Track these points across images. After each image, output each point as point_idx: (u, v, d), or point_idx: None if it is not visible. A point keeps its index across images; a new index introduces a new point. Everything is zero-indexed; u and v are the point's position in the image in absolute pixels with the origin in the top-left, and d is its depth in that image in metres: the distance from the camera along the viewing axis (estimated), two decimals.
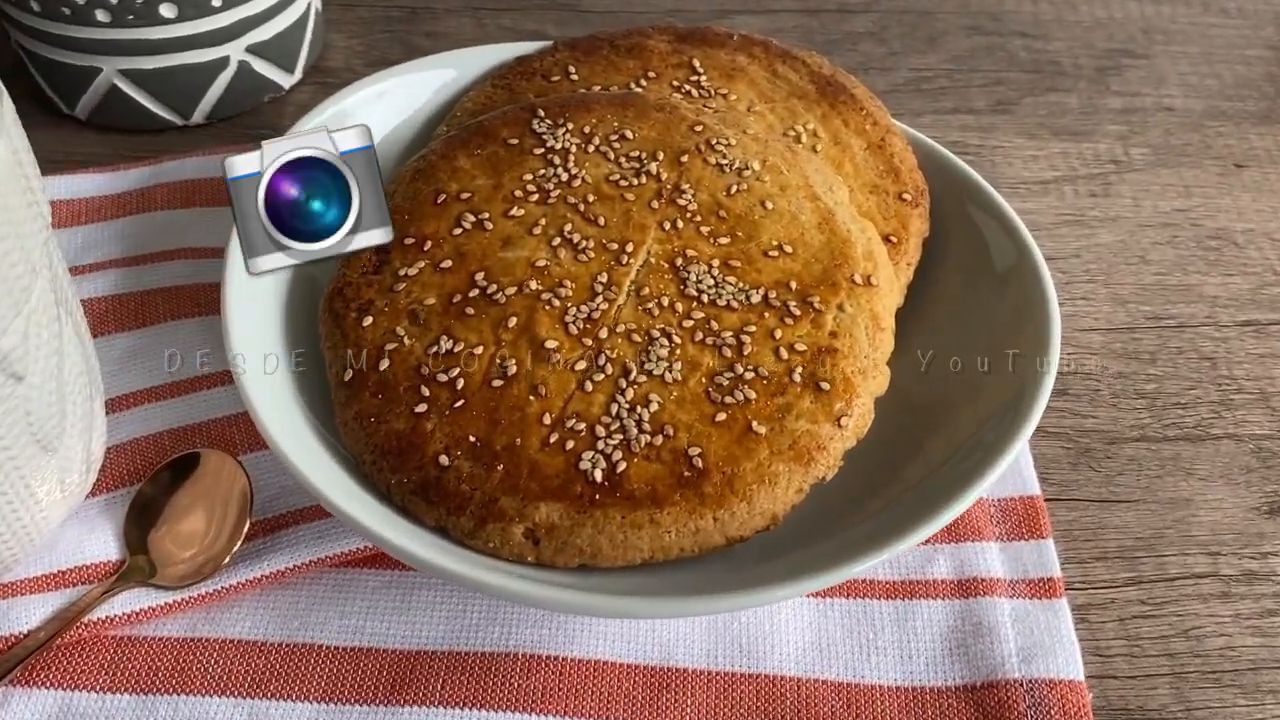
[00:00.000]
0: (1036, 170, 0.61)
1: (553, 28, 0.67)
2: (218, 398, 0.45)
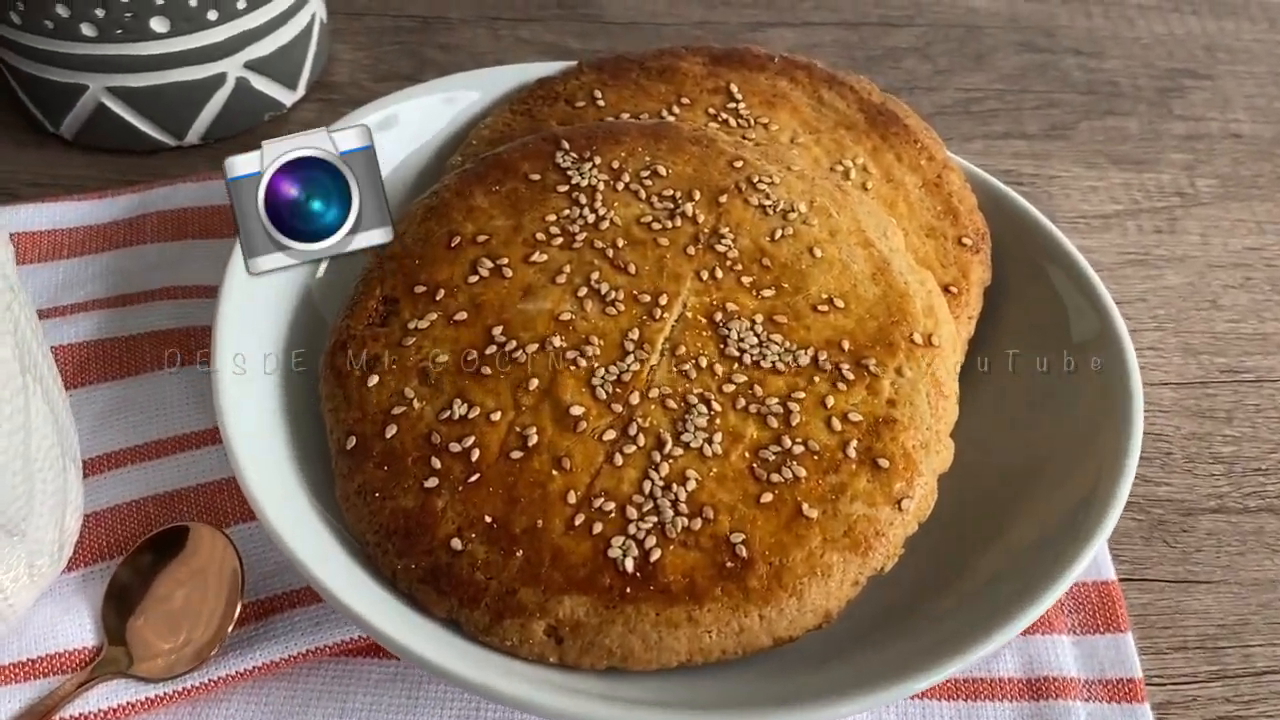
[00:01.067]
0: (1096, 203, 0.56)
1: (573, 40, 0.63)
2: (206, 460, 0.41)
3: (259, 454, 0.37)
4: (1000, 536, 0.38)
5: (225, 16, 0.51)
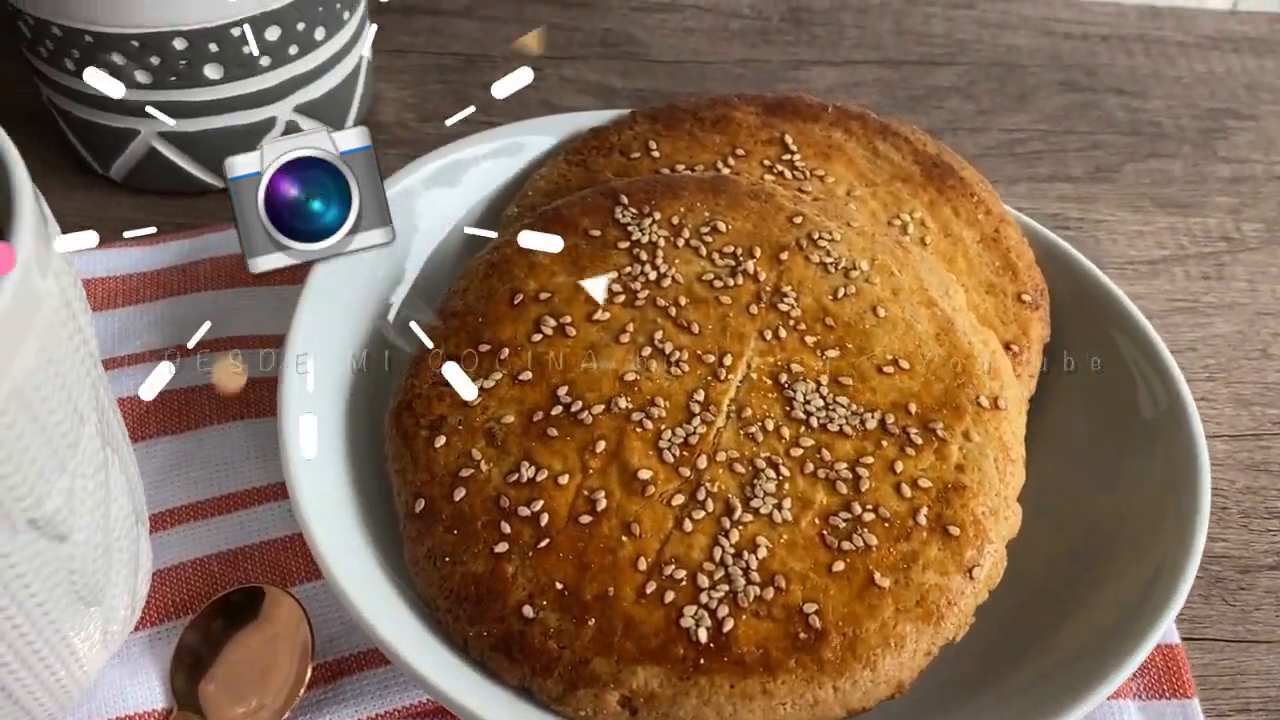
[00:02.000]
0: (1143, 248, 0.56)
1: (617, 79, 0.63)
2: (269, 516, 0.41)
3: (327, 514, 0.37)
4: (1068, 608, 0.38)
5: (278, 62, 0.51)
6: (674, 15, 0.67)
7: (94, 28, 0.47)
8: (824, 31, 0.67)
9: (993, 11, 0.69)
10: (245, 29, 0.48)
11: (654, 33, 0.66)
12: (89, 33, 0.47)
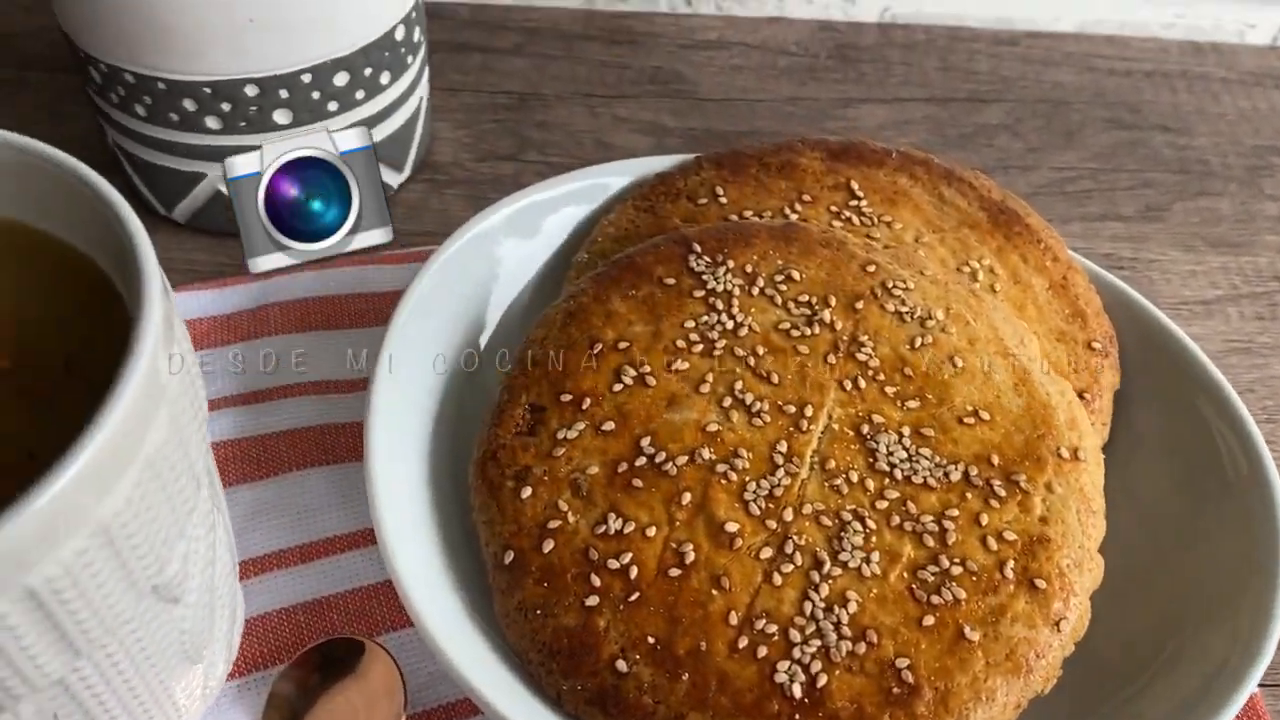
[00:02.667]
0: (1197, 288, 0.57)
1: (669, 118, 0.63)
2: (352, 564, 0.42)
3: (416, 563, 0.37)
4: (1152, 662, 0.38)
5: (344, 107, 0.51)
6: (721, 53, 0.68)
7: (168, 75, 0.48)
8: (871, 69, 0.68)
9: (1036, 48, 0.70)
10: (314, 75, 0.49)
11: (702, 70, 0.67)
12: (162, 80, 0.48)
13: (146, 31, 0.46)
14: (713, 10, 0.71)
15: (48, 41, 0.65)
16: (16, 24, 0.66)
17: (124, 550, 0.26)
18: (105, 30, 0.47)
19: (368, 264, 0.52)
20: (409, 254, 0.53)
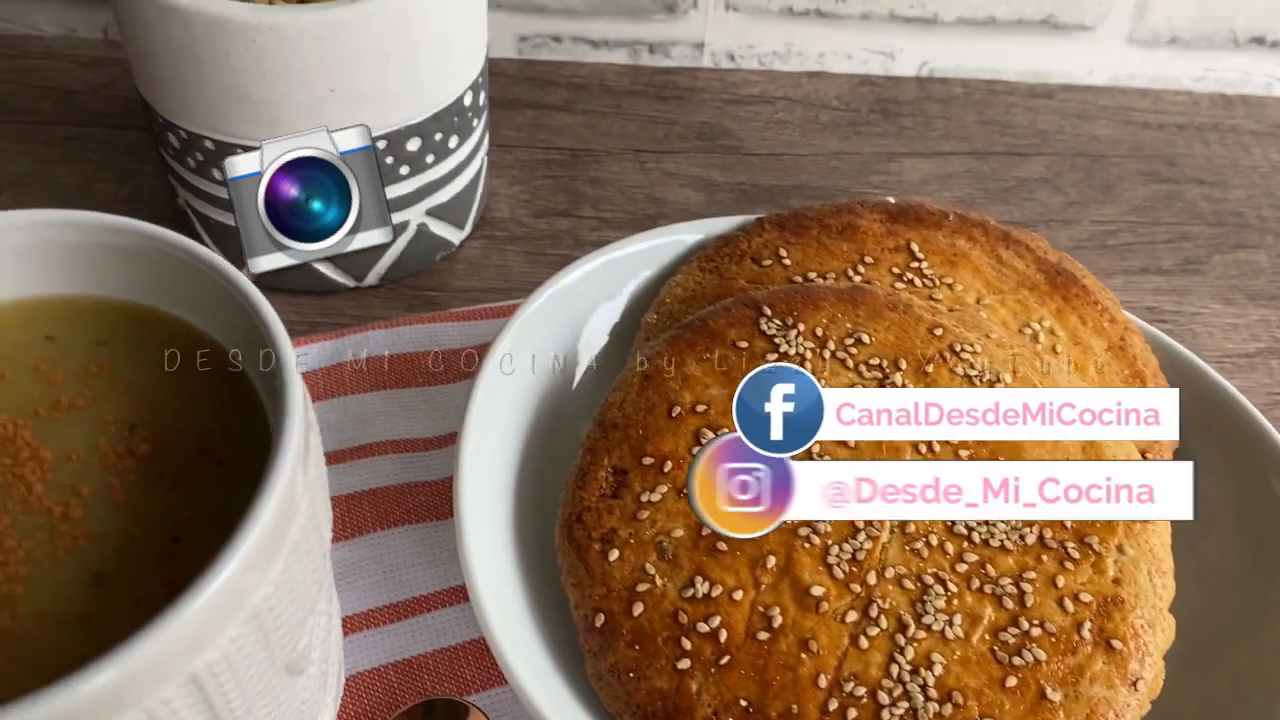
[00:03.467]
0: (1239, 341, 0.58)
1: (717, 173, 0.65)
2: (441, 622, 0.43)
3: (508, 623, 0.38)
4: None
5: (415, 170, 0.53)
6: (765, 107, 0.70)
7: (247, 142, 0.49)
8: (911, 122, 0.69)
9: (1071, 101, 0.72)
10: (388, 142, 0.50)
11: (747, 125, 0.68)
12: (241, 146, 0.49)
13: (230, 102, 0.48)
14: (755, 65, 0.72)
15: (107, 98, 0.67)
16: (77, 81, 0.67)
17: (270, 631, 0.28)
18: (188, 100, 0.48)
19: (436, 322, 0.53)
20: (474, 311, 0.55)
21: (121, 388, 0.31)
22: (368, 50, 0.47)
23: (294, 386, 0.28)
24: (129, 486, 0.29)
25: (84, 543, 0.28)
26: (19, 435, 0.30)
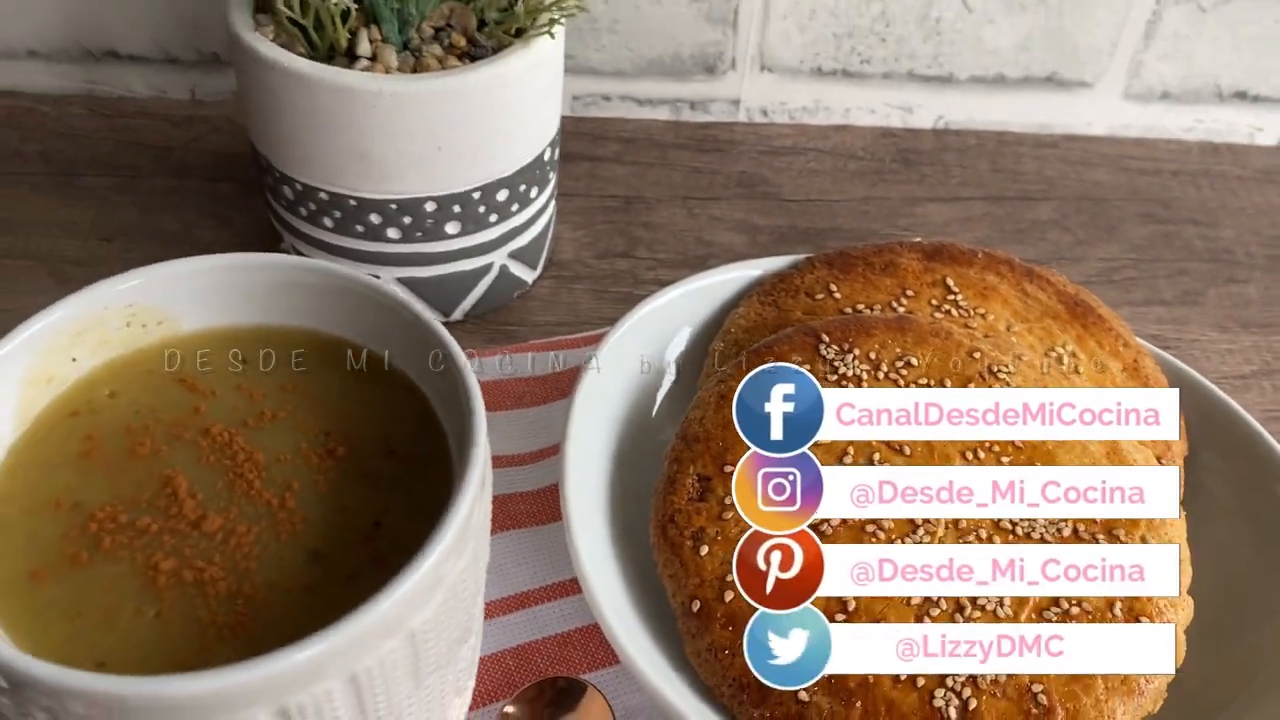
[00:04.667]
0: (1234, 365, 0.65)
1: (758, 217, 0.71)
2: (546, 615, 0.48)
3: (619, 611, 0.44)
4: (1230, 704, 0.45)
5: (501, 218, 0.59)
6: (798, 158, 0.76)
7: (360, 194, 0.55)
8: (931, 171, 0.76)
9: (1074, 150, 0.79)
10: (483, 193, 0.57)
11: (782, 174, 0.75)
12: (354, 198, 0.55)
13: (347, 159, 0.54)
14: (786, 120, 0.79)
15: (198, 153, 0.73)
16: (171, 138, 0.73)
17: (420, 651, 0.32)
18: (308, 157, 0.55)
19: (517, 352, 0.59)
20: (550, 343, 0.61)
21: (313, 401, 0.37)
22: (471, 114, 0.53)
23: (477, 398, 0.34)
24: (331, 482, 0.35)
25: (300, 527, 0.34)
26: (234, 441, 0.36)
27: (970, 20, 0.75)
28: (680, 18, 0.74)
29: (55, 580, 0.32)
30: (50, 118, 0.74)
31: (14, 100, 0.75)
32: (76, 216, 0.67)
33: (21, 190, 0.68)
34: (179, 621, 0.32)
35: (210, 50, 0.75)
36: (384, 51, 0.53)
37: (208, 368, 0.38)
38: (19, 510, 0.34)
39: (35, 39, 0.74)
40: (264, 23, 0.54)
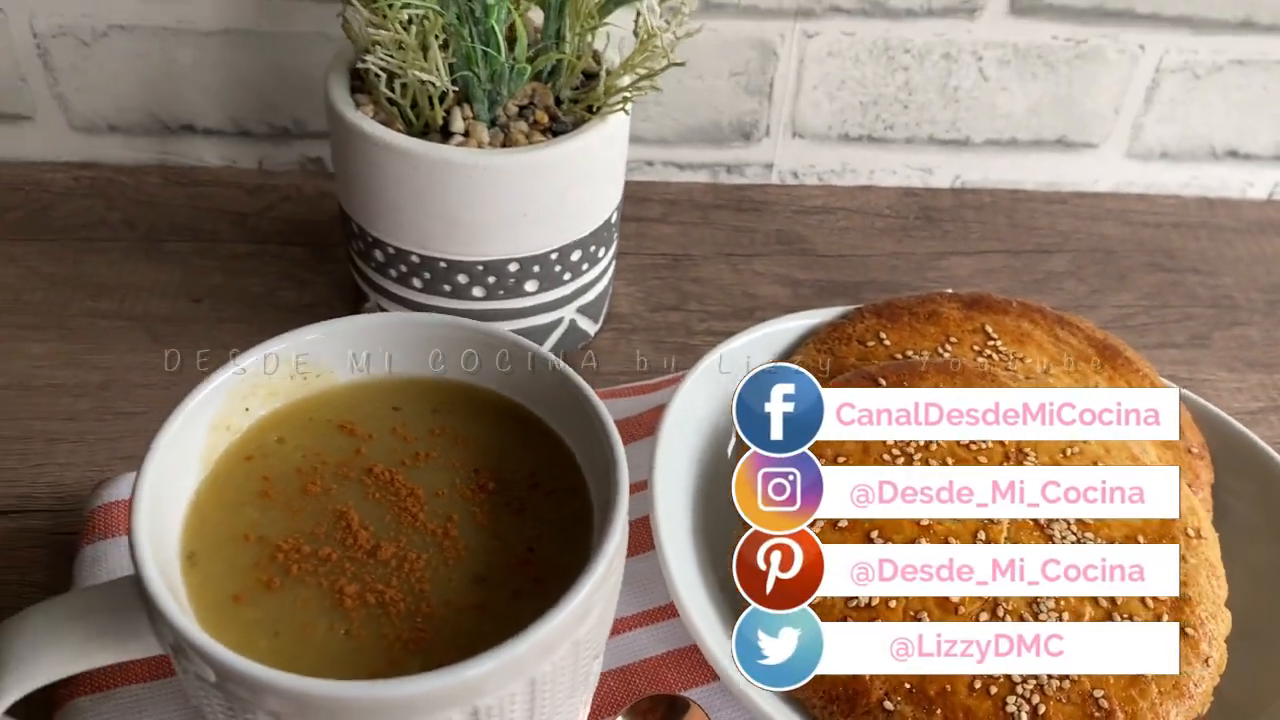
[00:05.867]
0: (1243, 402, 0.70)
1: (798, 271, 0.77)
2: (640, 639, 0.52)
3: (713, 633, 0.49)
4: (1269, 707, 0.50)
5: (574, 276, 0.64)
6: (829, 216, 0.82)
7: (450, 256, 0.60)
8: (953, 227, 0.82)
9: (1083, 205, 0.85)
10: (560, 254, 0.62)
11: (816, 231, 0.81)
12: (445, 260, 0.60)
13: (440, 225, 0.59)
14: (815, 181, 0.85)
15: (271, 219, 0.78)
16: (245, 205, 0.78)
17: (579, 659, 0.37)
18: (402, 223, 0.60)
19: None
20: (614, 391, 0.65)
21: (460, 443, 0.42)
22: (553, 183, 0.58)
23: (617, 441, 0.39)
24: (486, 513, 0.40)
25: (464, 554, 0.38)
26: (395, 479, 0.40)
27: (986, 88, 0.81)
28: (720, 90, 0.80)
29: (253, 602, 0.37)
30: (129, 187, 0.79)
31: (95, 172, 0.80)
32: (164, 279, 0.72)
33: (111, 256, 0.73)
34: (369, 637, 0.36)
35: (280, 124, 0.80)
36: (476, 128, 0.58)
37: (365, 415, 0.42)
38: (213, 543, 0.38)
39: (116, 115, 0.79)
40: (363, 102, 0.59)
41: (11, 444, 0.60)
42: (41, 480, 0.58)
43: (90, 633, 0.35)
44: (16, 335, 0.67)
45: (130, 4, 0.73)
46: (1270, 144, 0.86)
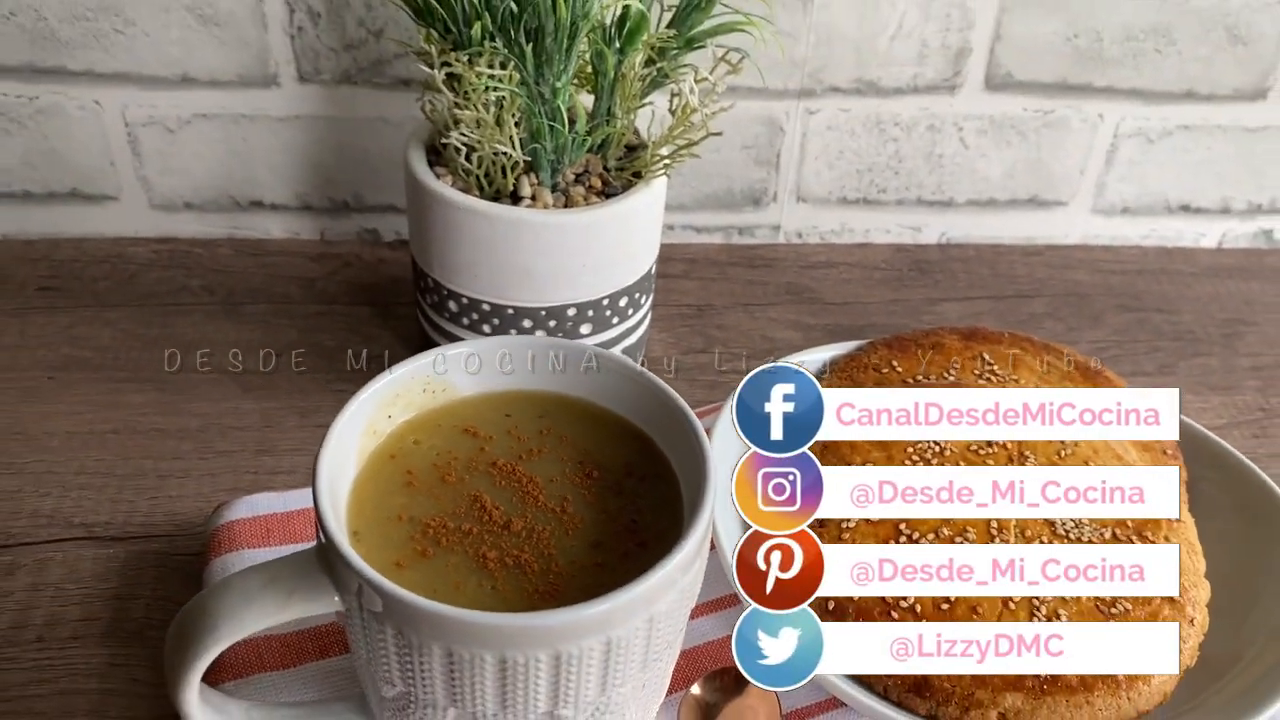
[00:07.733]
0: (1208, 419, 0.80)
1: (808, 317, 0.86)
2: (704, 625, 0.60)
3: None
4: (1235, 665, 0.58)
5: (621, 319, 0.73)
6: (832, 270, 0.92)
7: (517, 304, 0.69)
8: (942, 276, 0.92)
9: (1055, 256, 0.96)
10: (612, 300, 0.71)
11: (822, 282, 0.90)
12: (512, 307, 0.69)
13: (511, 275, 0.68)
14: (818, 240, 0.95)
15: (337, 283, 0.86)
16: (310, 271, 0.87)
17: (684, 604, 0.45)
18: (476, 275, 0.68)
19: None
20: None
21: (564, 441, 0.50)
22: (607, 238, 0.68)
23: (702, 434, 0.47)
24: (593, 494, 0.48)
25: (581, 526, 0.46)
26: (515, 470, 0.48)
27: (966, 155, 0.92)
28: (733, 161, 0.90)
29: (412, 568, 0.44)
30: (205, 257, 0.87)
31: (173, 245, 0.88)
32: (246, 336, 0.80)
33: (196, 318, 0.81)
34: (511, 592, 0.44)
35: (340, 199, 0.89)
36: (541, 193, 0.68)
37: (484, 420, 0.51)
38: (373, 522, 0.46)
39: (192, 194, 0.88)
40: (441, 174, 0.68)
41: (128, 480, 0.68)
42: (159, 510, 0.66)
43: (280, 594, 0.43)
44: (118, 389, 0.74)
45: (215, 95, 0.83)
46: (1217, 199, 0.97)
